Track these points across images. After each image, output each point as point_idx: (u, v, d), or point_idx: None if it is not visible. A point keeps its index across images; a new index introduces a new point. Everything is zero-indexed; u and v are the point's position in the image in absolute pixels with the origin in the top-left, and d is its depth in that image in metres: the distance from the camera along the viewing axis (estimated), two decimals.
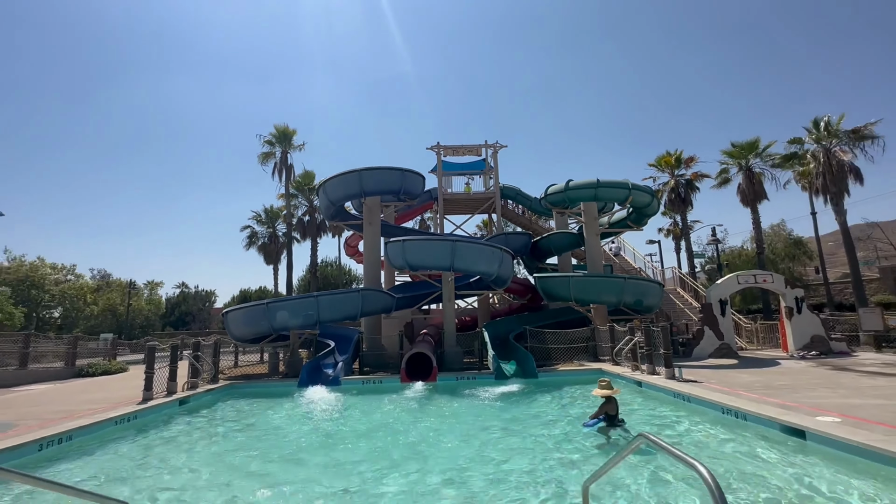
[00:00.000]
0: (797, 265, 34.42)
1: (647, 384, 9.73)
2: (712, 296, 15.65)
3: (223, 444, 6.77)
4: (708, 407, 7.42)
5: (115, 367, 17.06)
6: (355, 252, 27.20)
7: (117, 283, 53.26)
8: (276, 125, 34.39)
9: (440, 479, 4.82)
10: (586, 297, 16.43)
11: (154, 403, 8.85)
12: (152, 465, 5.71)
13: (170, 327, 53.13)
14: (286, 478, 5.09)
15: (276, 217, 37.51)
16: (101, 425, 7.29)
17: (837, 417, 5.80)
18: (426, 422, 7.79)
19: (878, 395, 7.32)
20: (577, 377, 11.94)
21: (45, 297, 43.55)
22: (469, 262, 14.40)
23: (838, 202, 22.95)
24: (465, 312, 24.33)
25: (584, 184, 18.13)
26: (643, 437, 2.42)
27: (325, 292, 16.27)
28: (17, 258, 44.36)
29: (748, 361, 13.37)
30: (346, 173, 17.58)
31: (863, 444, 4.65)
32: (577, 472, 4.86)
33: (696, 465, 1.77)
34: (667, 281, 25.21)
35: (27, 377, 14.08)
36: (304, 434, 7.21)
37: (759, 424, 6.19)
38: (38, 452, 6.03)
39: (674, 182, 30.03)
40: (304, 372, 12.05)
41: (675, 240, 35.30)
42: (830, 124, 23.82)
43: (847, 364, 12.00)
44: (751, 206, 26.22)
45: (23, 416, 7.96)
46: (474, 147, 24.21)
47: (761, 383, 9.07)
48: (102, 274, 57.32)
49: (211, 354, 12.07)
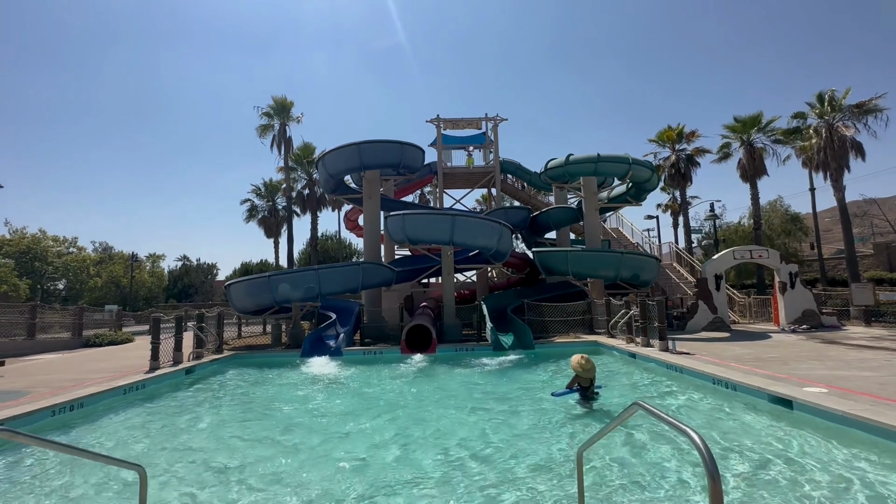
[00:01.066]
0: (793, 241, 34.57)
1: (640, 356, 10.00)
2: (708, 271, 15.84)
3: (230, 410, 7.00)
4: (699, 378, 7.66)
5: (122, 337, 17.37)
6: (355, 226, 27.21)
7: (119, 256, 53.40)
8: (273, 97, 33.71)
9: (436, 440, 5.05)
10: (584, 271, 16.62)
11: (161, 372, 9.09)
12: (162, 431, 5.94)
13: (173, 299, 53.59)
14: (291, 441, 5.31)
15: (275, 190, 37.28)
16: (111, 393, 7.52)
17: (824, 388, 6.03)
18: (425, 389, 8.06)
19: (864, 368, 7.57)
20: (572, 349, 12.19)
21: (49, 270, 43.79)
22: (468, 236, 14.48)
23: (838, 178, 22.92)
24: (464, 286, 24.59)
25: (585, 158, 18.04)
26: (637, 405, 2.53)
27: (325, 265, 16.40)
28: (19, 230, 44.28)
29: (740, 335, 13.68)
30: (345, 146, 17.42)
31: (847, 413, 4.85)
32: (549, 435, 5.10)
33: (688, 432, 1.82)
34: (663, 256, 25.41)
35: (36, 347, 14.35)
36: (308, 401, 7.45)
37: (748, 395, 6.43)
38: (51, 418, 6.24)
39: (674, 157, 29.82)
40: (307, 343, 12.31)
41: (674, 215, 35.33)
42: (835, 98, 23.51)
43: (836, 338, 12.30)
44: (750, 181, 26.17)
45: (35, 384, 8.19)
46: (474, 120, 23.87)
47: (752, 356, 9.34)
48: (104, 247, 57.35)
49: (215, 326, 12.29)
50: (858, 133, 22.96)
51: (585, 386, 6.39)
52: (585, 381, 6.36)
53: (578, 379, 6.39)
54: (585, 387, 6.39)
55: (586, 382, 6.37)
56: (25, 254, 41.95)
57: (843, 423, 4.86)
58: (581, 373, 6.29)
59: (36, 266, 42.46)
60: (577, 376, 6.39)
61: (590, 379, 6.35)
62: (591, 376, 6.33)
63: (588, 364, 6.31)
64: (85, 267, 46.71)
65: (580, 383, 6.40)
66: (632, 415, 2.63)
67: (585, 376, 6.31)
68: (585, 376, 6.31)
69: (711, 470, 1.65)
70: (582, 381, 6.38)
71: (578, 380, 6.40)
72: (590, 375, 6.32)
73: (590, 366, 6.33)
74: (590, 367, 6.32)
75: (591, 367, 6.33)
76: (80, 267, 46.13)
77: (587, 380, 6.35)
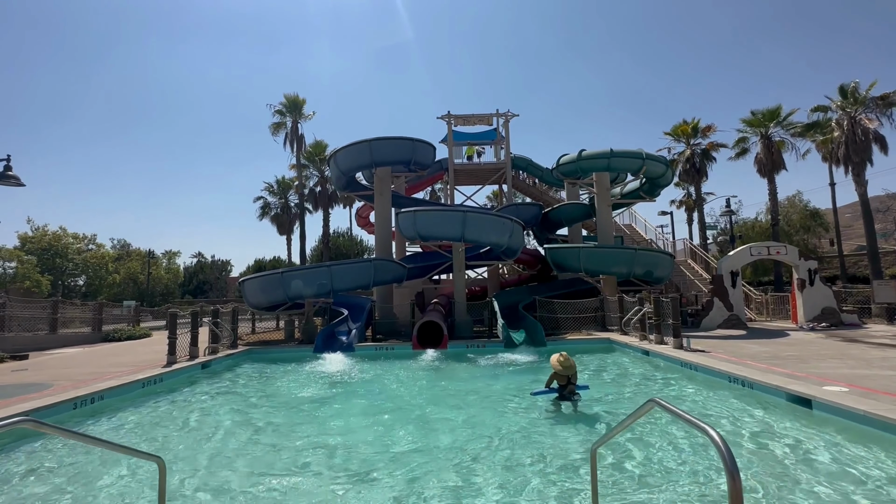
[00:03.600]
0: (812, 237, 33.83)
1: (654, 353, 9.89)
2: (723, 267, 15.58)
3: (246, 403, 7.11)
4: (715, 376, 7.55)
5: (140, 332, 17.74)
6: (366, 223, 27.32)
7: (136, 253, 54.57)
8: (286, 94, 33.98)
9: (448, 434, 5.07)
10: (596, 267, 16.46)
11: (178, 367, 9.26)
12: (179, 423, 6.06)
13: (189, 295, 54.55)
14: (304, 434, 5.38)
15: (288, 188, 37.59)
16: (130, 386, 7.69)
17: (845, 387, 5.89)
18: (438, 384, 8.08)
19: (886, 367, 7.37)
20: (584, 346, 12.15)
21: (69, 266, 44.87)
22: (479, 232, 14.44)
23: (860, 172, 22.33)
24: (476, 282, 24.56)
25: (598, 154, 17.84)
26: (653, 402, 2.50)
27: (337, 262, 16.53)
28: (41, 228, 45.40)
29: (757, 332, 13.44)
30: (356, 143, 17.47)
31: (869, 412, 4.72)
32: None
33: (706, 429, 1.76)
34: (678, 252, 25.05)
35: (58, 341, 14.74)
36: (321, 395, 7.53)
37: (765, 393, 6.32)
38: (72, 410, 6.40)
39: (689, 152, 29.33)
40: (320, 338, 12.43)
41: (688, 211, 34.77)
42: (858, 91, 22.87)
43: (857, 336, 12.01)
44: (768, 176, 25.61)
45: (57, 377, 8.41)
46: (485, 116, 23.74)
47: (769, 353, 9.17)
48: (122, 244, 58.57)
49: (230, 321, 12.48)
50: (882, 126, 22.35)
51: (562, 384, 6.26)
52: (563, 378, 6.24)
53: (556, 377, 6.29)
54: (562, 385, 6.26)
55: (563, 381, 6.24)
56: (47, 251, 43.05)
57: (865, 423, 4.73)
58: (560, 370, 6.19)
59: (57, 263, 43.54)
60: (555, 374, 6.29)
61: (567, 377, 6.23)
62: (569, 374, 6.22)
63: (567, 362, 6.24)
64: (104, 263, 47.76)
65: (558, 381, 6.30)
66: (647, 411, 2.60)
67: (564, 373, 6.20)
68: (564, 373, 6.20)
69: (731, 468, 1.61)
70: (559, 378, 6.26)
71: (556, 377, 6.30)
72: (568, 373, 6.21)
73: (569, 363, 6.24)
74: (569, 364, 6.24)
75: (570, 365, 6.24)
76: (99, 263, 47.18)
77: (564, 378, 6.23)
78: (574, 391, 6.29)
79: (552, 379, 6.37)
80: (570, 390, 6.26)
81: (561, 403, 6.25)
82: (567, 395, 6.25)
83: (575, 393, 6.29)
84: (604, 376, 8.79)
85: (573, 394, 6.27)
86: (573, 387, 6.28)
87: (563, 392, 6.27)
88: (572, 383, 6.28)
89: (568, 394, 6.25)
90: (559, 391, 6.31)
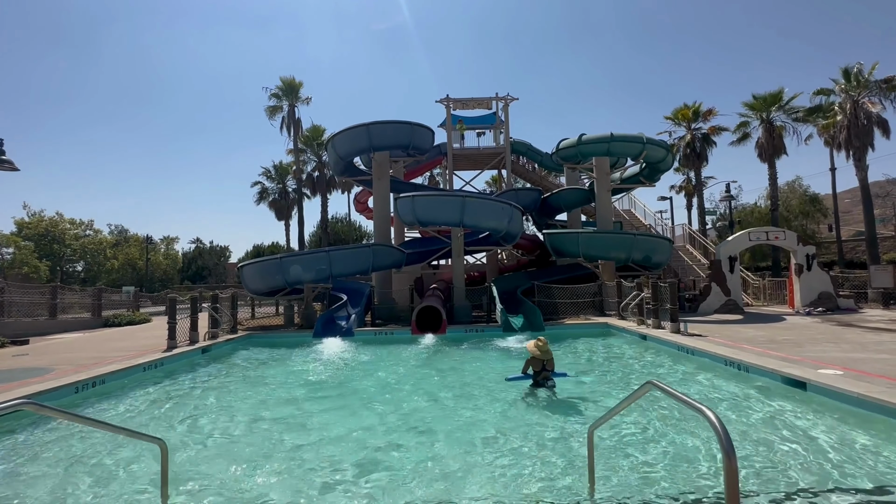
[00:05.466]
0: (811, 222, 33.84)
1: (651, 337, 9.96)
2: (722, 252, 15.62)
3: (245, 386, 7.17)
4: (711, 359, 7.63)
5: (139, 317, 17.83)
6: (365, 208, 27.22)
7: (135, 239, 54.43)
8: (282, 77, 33.42)
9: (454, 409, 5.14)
10: (595, 253, 16.49)
11: (178, 351, 9.32)
12: (180, 406, 6.11)
13: (187, 281, 54.61)
14: (303, 415, 5.43)
15: (285, 173, 37.32)
16: (131, 370, 7.75)
17: (840, 370, 5.95)
18: (437, 367, 8.15)
19: (881, 350, 7.45)
20: (582, 330, 12.24)
21: (67, 252, 44.79)
22: (479, 218, 14.41)
23: (861, 157, 22.22)
24: (474, 268, 24.59)
25: (598, 138, 17.71)
26: (651, 384, 2.53)
27: (336, 247, 16.52)
28: (37, 213, 45.17)
29: (753, 317, 13.54)
30: (354, 127, 17.30)
31: (863, 395, 4.78)
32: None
33: (703, 410, 1.80)
34: (676, 238, 25.07)
35: (58, 326, 14.80)
36: (322, 379, 7.59)
37: (761, 376, 6.39)
38: (74, 394, 6.46)
39: (690, 136, 29.10)
40: (319, 323, 12.49)
41: (688, 196, 34.65)
42: (861, 74, 22.60)
43: (853, 320, 12.10)
44: (769, 161, 25.47)
45: (58, 361, 8.46)
46: (484, 100, 23.46)
47: (765, 338, 9.25)
48: (120, 229, 58.40)
49: (229, 307, 12.51)
50: (884, 110, 22.16)
51: (537, 370, 6.26)
52: (538, 364, 6.24)
53: (532, 362, 6.29)
54: (538, 371, 6.26)
55: (538, 366, 6.24)
56: (44, 236, 42.90)
57: (859, 406, 4.80)
58: (537, 355, 6.19)
59: (54, 248, 43.44)
60: (531, 360, 6.29)
61: (542, 363, 6.23)
62: (544, 360, 6.22)
63: (544, 347, 6.24)
64: (102, 249, 47.67)
65: (533, 367, 6.30)
66: (645, 393, 2.63)
67: (540, 358, 6.20)
68: (540, 358, 6.20)
69: (727, 448, 1.64)
70: (535, 364, 6.26)
71: (532, 363, 6.30)
72: (544, 359, 6.21)
73: (546, 349, 6.25)
74: (546, 349, 6.25)
75: (546, 351, 6.25)
76: (97, 249, 47.10)
77: (539, 363, 6.23)
78: (549, 377, 6.27)
79: (528, 365, 6.36)
80: (545, 376, 6.24)
81: (536, 391, 6.23)
82: (541, 382, 6.24)
83: (549, 379, 6.27)
84: (601, 360, 8.87)
85: (547, 380, 6.25)
86: (548, 373, 6.27)
87: (538, 378, 6.27)
88: (547, 370, 6.27)
89: (542, 380, 6.24)
90: (534, 377, 6.31)
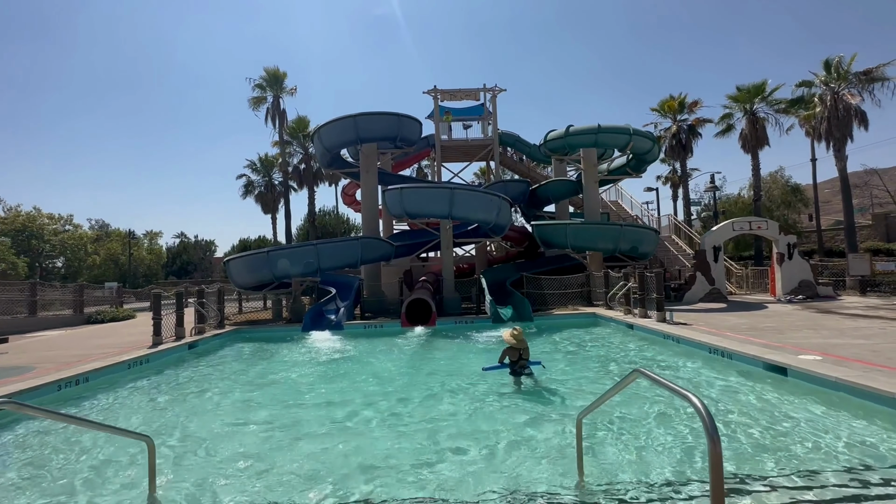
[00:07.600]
0: (792, 212, 34.49)
1: (637, 326, 10.11)
2: (706, 242, 15.87)
3: (235, 382, 7.10)
4: (696, 347, 7.78)
5: (123, 313, 17.49)
6: (353, 201, 26.99)
7: (116, 233, 53.30)
8: (266, 68, 32.75)
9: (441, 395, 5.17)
10: (583, 244, 16.64)
11: (164, 347, 9.18)
12: (167, 403, 6.04)
13: (172, 276, 53.77)
14: (292, 410, 5.41)
15: (271, 165, 36.77)
16: (115, 368, 7.60)
17: (819, 356, 6.13)
18: (428, 358, 8.17)
19: (858, 336, 7.68)
20: (570, 320, 12.38)
21: (46, 248, 43.68)
22: (467, 209, 14.40)
23: (840, 148, 22.67)
24: (463, 260, 24.63)
25: (585, 129, 17.78)
26: (638, 371, 2.57)
27: (324, 241, 16.39)
28: (13, 208, 43.89)
29: (736, 305, 13.82)
30: (340, 119, 17.08)
31: (840, 379, 4.94)
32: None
33: (689, 397, 1.83)
34: (662, 228, 25.39)
35: (38, 324, 14.46)
36: (310, 373, 7.56)
37: (744, 363, 6.54)
38: (56, 392, 6.32)
39: (676, 128, 29.40)
40: (308, 317, 12.41)
41: (674, 187, 35.13)
42: (841, 66, 22.99)
43: (832, 307, 12.44)
44: (752, 151, 25.87)
45: (39, 359, 8.28)
46: (472, 91, 23.36)
47: (748, 325, 9.45)
48: (101, 224, 57.10)
49: (216, 301, 12.34)
50: (863, 102, 22.60)
51: (514, 360, 6.32)
52: (514, 353, 6.30)
53: (509, 351, 6.35)
54: (514, 360, 6.32)
55: (515, 356, 6.30)
56: (21, 232, 41.75)
57: (836, 389, 4.95)
58: (513, 343, 6.25)
59: (33, 244, 42.34)
60: (507, 350, 6.34)
61: (518, 352, 6.29)
62: (520, 348, 6.29)
63: (520, 336, 6.31)
64: (82, 244, 46.61)
65: (510, 356, 6.36)
66: (632, 381, 2.66)
67: (516, 346, 6.26)
68: (516, 346, 6.26)
69: (712, 433, 1.67)
70: (511, 353, 6.32)
71: (508, 352, 6.36)
72: (519, 347, 6.28)
73: (521, 338, 6.31)
74: (521, 338, 6.31)
75: (522, 339, 6.32)
76: (77, 245, 46.02)
77: (516, 352, 6.29)
78: (525, 366, 6.33)
79: (505, 354, 6.42)
80: (522, 365, 6.31)
81: (512, 378, 6.29)
82: (518, 371, 6.31)
83: (526, 367, 6.33)
84: (589, 349, 8.98)
85: (524, 368, 6.32)
86: (524, 362, 6.33)
87: (515, 367, 6.33)
88: (524, 358, 6.33)
89: (519, 368, 6.31)
90: (511, 366, 6.36)
